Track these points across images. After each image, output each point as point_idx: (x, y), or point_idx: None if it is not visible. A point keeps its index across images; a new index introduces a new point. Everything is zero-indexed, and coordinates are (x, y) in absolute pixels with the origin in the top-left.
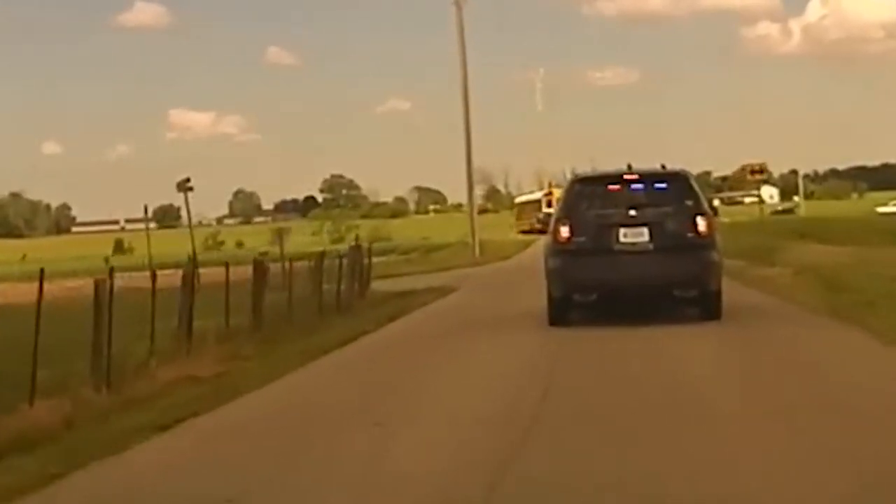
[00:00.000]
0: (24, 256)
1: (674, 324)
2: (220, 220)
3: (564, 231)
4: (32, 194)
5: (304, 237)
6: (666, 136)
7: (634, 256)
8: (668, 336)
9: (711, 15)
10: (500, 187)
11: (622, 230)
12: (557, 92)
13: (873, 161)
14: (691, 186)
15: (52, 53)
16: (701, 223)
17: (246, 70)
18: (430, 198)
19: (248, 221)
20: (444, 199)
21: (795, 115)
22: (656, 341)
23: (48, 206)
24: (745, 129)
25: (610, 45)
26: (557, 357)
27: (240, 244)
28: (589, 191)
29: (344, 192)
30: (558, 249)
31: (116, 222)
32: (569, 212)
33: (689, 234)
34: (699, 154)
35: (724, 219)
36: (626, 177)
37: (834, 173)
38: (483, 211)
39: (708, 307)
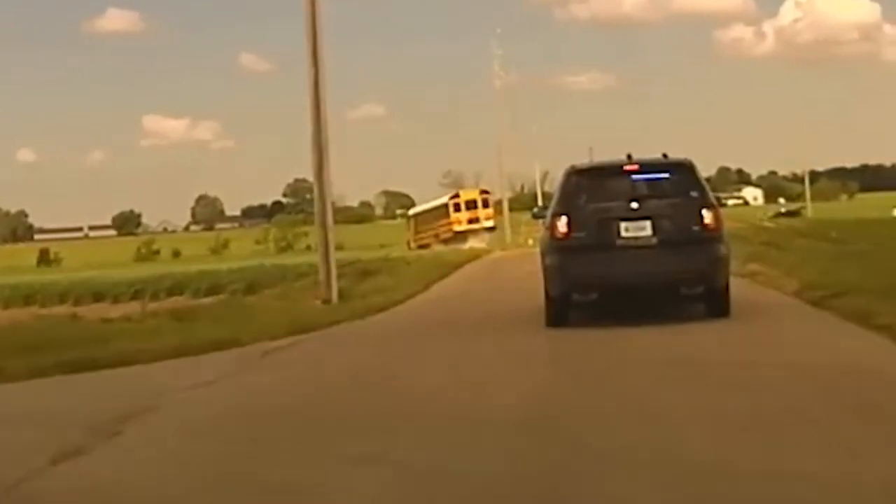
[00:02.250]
0: None
1: (681, 322)
2: (187, 228)
3: (562, 225)
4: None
5: (249, 245)
6: (643, 139)
7: (637, 252)
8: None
9: (685, 18)
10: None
11: (623, 224)
12: (533, 96)
13: (852, 162)
14: (696, 177)
15: (24, 60)
16: (707, 216)
17: (220, 76)
18: (397, 202)
19: (210, 228)
20: (413, 204)
21: (772, 117)
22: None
23: (7, 213)
24: (721, 131)
25: (584, 49)
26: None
27: (177, 254)
28: (587, 182)
29: (308, 196)
30: (556, 245)
31: (80, 229)
32: (566, 205)
33: (695, 228)
34: (676, 156)
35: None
36: (626, 167)
37: (813, 175)
38: None
39: (715, 304)
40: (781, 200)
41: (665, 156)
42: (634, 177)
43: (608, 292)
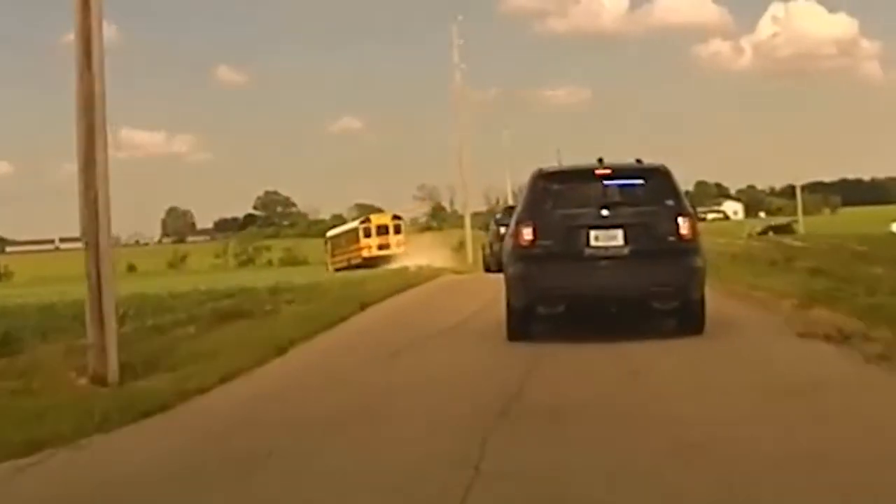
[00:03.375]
0: None
1: (651, 339)
2: (160, 241)
3: (527, 233)
4: None
5: (207, 259)
6: (620, 153)
7: (607, 262)
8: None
9: (663, 33)
10: (446, 205)
11: (593, 232)
12: (510, 109)
13: (831, 177)
14: (672, 183)
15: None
16: (683, 225)
17: (195, 89)
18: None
19: (181, 241)
20: None
21: (750, 131)
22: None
23: None
24: (699, 145)
25: (562, 63)
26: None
27: (132, 268)
28: (555, 187)
29: (279, 209)
30: (520, 254)
31: (52, 241)
32: (532, 211)
33: (670, 238)
34: (651, 161)
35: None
36: (597, 172)
37: (792, 189)
38: (426, 229)
39: (689, 319)
40: (762, 215)
41: (639, 161)
42: (606, 182)
43: (575, 305)
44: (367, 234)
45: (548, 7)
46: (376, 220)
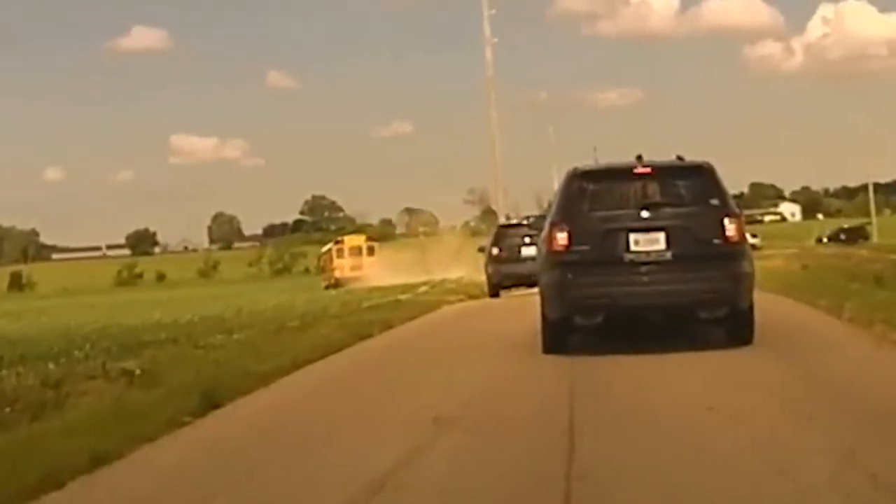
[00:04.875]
0: None
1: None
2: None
3: (561, 237)
4: (12, 221)
5: (241, 268)
6: (672, 154)
7: (649, 268)
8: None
9: (713, 34)
10: (496, 208)
11: (633, 236)
12: (559, 113)
13: (885, 177)
14: (717, 182)
15: (54, 79)
16: (730, 226)
17: (247, 94)
18: (420, 220)
19: (228, 247)
20: (436, 221)
21: (802, 132)
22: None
23: (25, 233)
24: (751, 147)
25: (612, 65)
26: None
27: (161, 277)
28: (591, 188)
29: (326, 213)
30: (554, 260)
31: (99, 249)
32: (567, 213)
33: (716, 241)
34: (693, 158)
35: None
36: (636, 170)
37: (847, 190)
38: (476, 233)
39: (738, 329)
40: (820, 216)
41: (681, 157)
42: (646, 181)
43: (615, 315)
44: (340, 255)
45: (597, 10)
46: (349, 241)
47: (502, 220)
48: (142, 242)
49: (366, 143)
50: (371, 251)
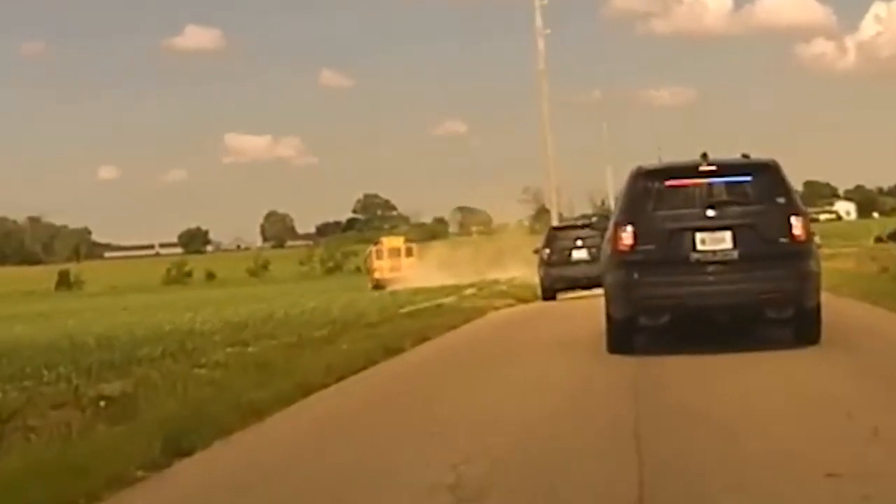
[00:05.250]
0: None
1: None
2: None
3: (626, 237)
4: (65, 220)
5: (292, 266)
6: (726, 153)
7: (715, 268)
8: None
9: (766, 33)
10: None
11: (699, 235)
12: (613, 111)
13: None
14: (783, 180)
15: (108, 78)
16: (797, 225)
17: (301, 93)
18: (473, 218)
19: (280, 245)
20: (489, 220)
21: (854, 130)
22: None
23: (77, 231)
24: (804, 145)
25: (665, 64)
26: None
27: (210, 276)
28: (656, 186)
29: (378, 212)
30: (619, 260)
31: (152, 247)
32: (632, 213)
33: (783, 240)
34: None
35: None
36: (702, 169)
37: None
38: (531, 232)
39: (805, 328)
40: (875, 215)
41: (746, 156)
42: (711, 180)
43: (681, 315)
44: (380, 257)
45: (651, 8)
46: (388, 243)
47: (554, 222)
48: (194, 241)
49: (419, 142)
50: (409, 252)
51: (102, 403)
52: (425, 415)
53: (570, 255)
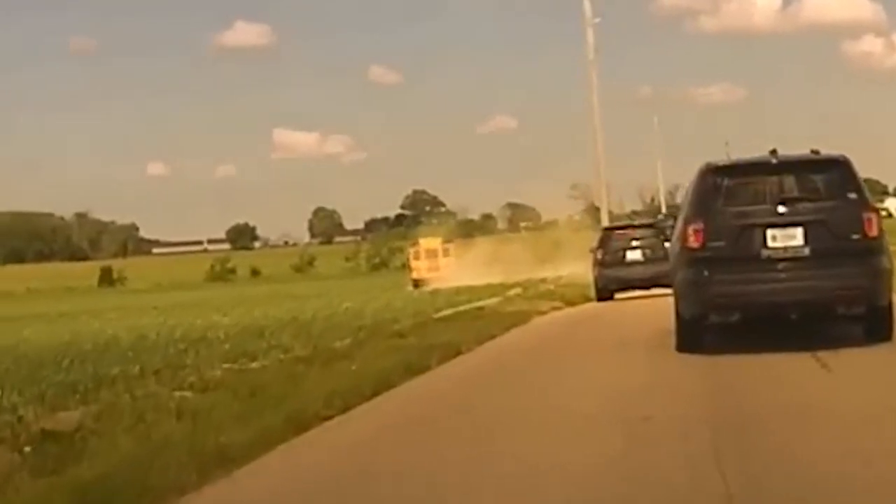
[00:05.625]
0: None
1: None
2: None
3: (696, 234)
4: (113, 216)
5: (338, 262)
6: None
7: (786, 264)
8: None
9: (814, 30)
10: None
11: (770, 231)
12: (662, 108)
13: None
14: (854, 175)
15: (157, 75)
16: (869, 221)
17: (349, 89)
18: (522, 214)
19: (328, 241)
20: (538, 216)
21: None
22: None
23: (124, 227)
24: (853, 142)
25: (713, 61)
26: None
27: (255, 272)
28: (726, 182)
29: (427, 208)
30: (689, 257)
31: (200, 243)
32: (702, 209)
33: (855, 236)
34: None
35: None
36: (772, 164)
37: None
38: (580, 228)
39: (877, 326)
40: None
41: (816, 151)
42: (782, 176)
43: (751, 313)
44: (417, 258)
45: (699, 6)
46: (425, 243)
47: (604, 218)
48: (241, 237)
49: (468, 138)
50: (447, 252)
51: (56, 434)
52: (443, 471)
53: (624, 255)
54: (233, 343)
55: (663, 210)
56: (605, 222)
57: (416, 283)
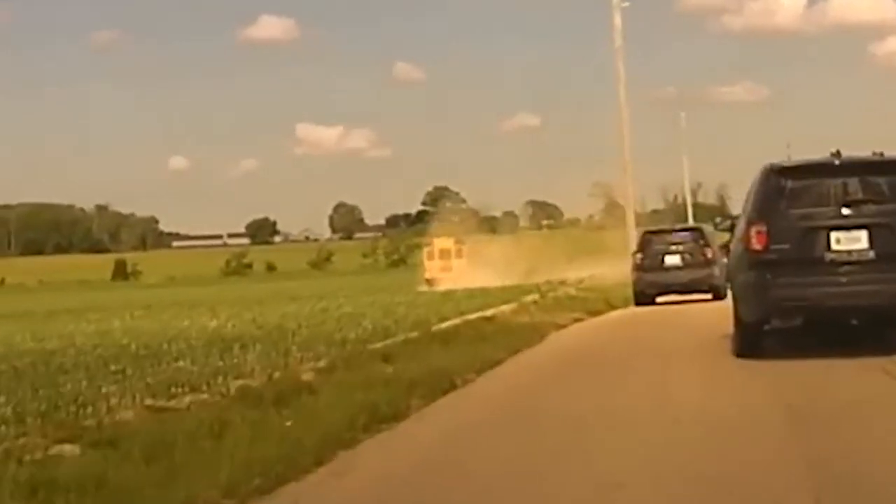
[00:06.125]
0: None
1: None
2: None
3: (759, 236)
4: (133, 208)
5: (357, 259)
6: (798, 152)
7: (850, 268)
8: None
9: (839, 30)
10: (621, 202)
11: (834, 234)
12: (686, 106)
13: None
14: None
15: (180, 69)
16: None
17: (374, 85)
18: (544, 212)
19: (349, 237)
20: (560, 214)
21: None
22: None
23: (143, 220)
24: (877, 143)
25: (737, 60)
26: None
27: (271, 267)
28: (789, 184)
29: (448, 205)
30: (752, 260)
31: (220, 237)
32: (765, 211)
33: None
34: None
35: None
36: (835, 166)
37: None
38: (601, 227)
39: None
40: None
41: (880, 153)
42: (846, 178)
43: (814, 317)
44: (430, 258)
45: (724, 5)
46: (438, 244)
47: (630, 217)
48: (261, 231)
49: (491, 135)
50: (460, 253)
51: None
52: None
53: (663, 260)
54: (188, 360)
55: (689, 209)
56: (631, 221)
57: (430, 283)
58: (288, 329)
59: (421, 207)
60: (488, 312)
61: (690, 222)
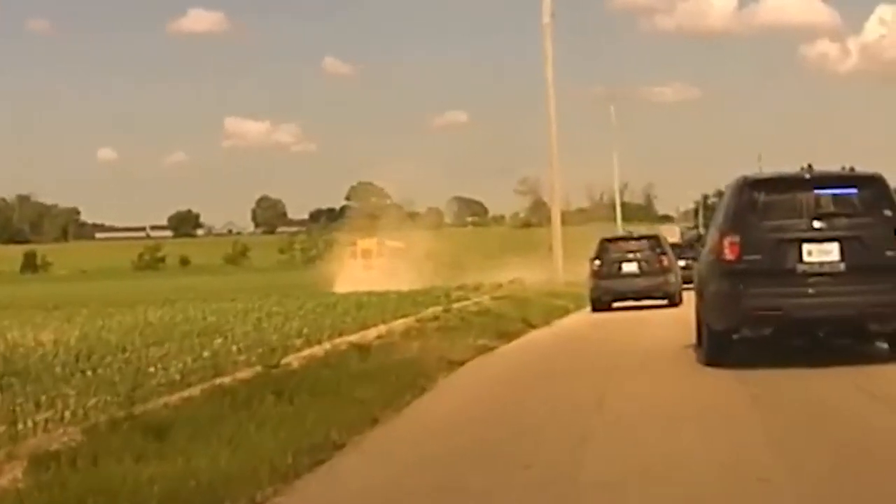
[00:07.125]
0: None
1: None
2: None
3: (731, 247)
4: (57, 199)
5: (275, 254)
6: (727, 153)
7: (821, 279)
8: None
9: (770, 32)
10: (547, 200)
11: (806, 246)
12: (616, 106)
13: None
14: (888, 193)
15: (109, 60)
16: None
17: (303, 79)
18: (469, 209)
19: (271, 231)
20: (485, 211)
21: (856, 133)
22: None
23: (65, 211)
24: (806, 146)
25: (668, 60)
26: None
27: (185, 261)
28: (762, 196)
29: (373, 199)
30: (724, 270)
31: (143, 229)
32: (738, 222)
33: (889, 252)
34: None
35: None
36: (808, 180)
37: None
38: (526, 225)
39: None
40: None
41: (851, 168)
42: (818, 191)
43: (784, 327)
44: (353, 256)
45: (655, 4)
46: (361, 244)
47: (555, 214)
48: (184, 224)
49: (420, 131)
50: (380, 253)
51: None
52: None
53: (620, 267)
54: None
55: (618, 208)
56: (557, 218)
57: (347, 284)
58: (132, 343)
59: (344, 202)
60: (371, 333)
61: (619, 221)
